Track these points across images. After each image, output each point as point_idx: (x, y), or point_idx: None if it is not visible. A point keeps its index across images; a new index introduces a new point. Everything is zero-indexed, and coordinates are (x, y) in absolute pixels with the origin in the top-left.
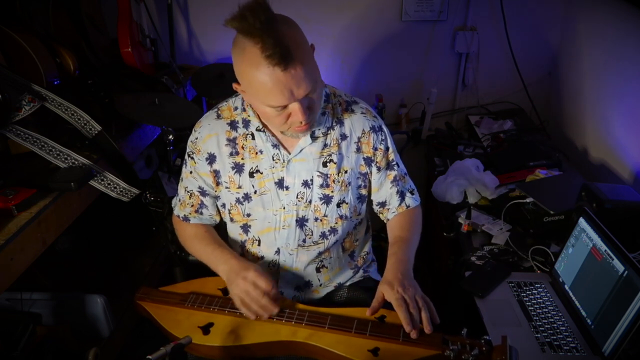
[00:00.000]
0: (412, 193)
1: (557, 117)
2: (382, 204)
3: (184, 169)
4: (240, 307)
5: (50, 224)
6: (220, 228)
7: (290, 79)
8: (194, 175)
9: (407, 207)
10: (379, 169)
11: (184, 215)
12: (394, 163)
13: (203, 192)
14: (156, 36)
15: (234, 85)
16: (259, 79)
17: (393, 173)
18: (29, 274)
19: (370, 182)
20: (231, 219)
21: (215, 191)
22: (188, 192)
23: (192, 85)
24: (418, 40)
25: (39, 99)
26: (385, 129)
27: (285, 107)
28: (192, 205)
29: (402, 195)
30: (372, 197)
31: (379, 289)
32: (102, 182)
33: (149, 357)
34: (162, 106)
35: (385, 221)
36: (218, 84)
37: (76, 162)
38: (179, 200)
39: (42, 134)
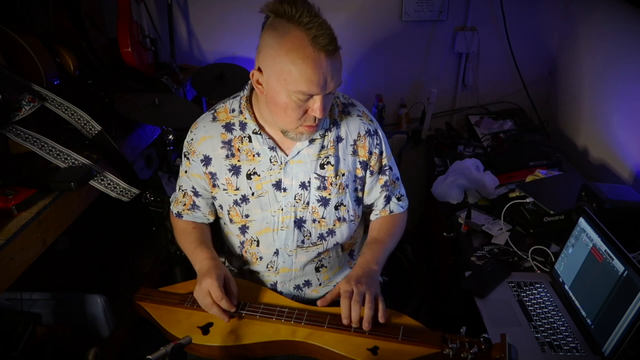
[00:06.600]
0: (399, 199)
1: (557, 117)
2: (369, 206)
3: (180, 168)
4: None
5: (50, 224)
6: (213, 224)
7: (330, 68)
8: (188, 175)
9: (390, 212)
10: (372, 172)
11: (177, 211)
12: (387, 168)
13: (196, 193)
14: (156, 36)
15: (253, 73)
16: (300, 63)
17: (384, 178)
18: (29, 274)
19: (364, 185)
20: (230, 220)
21: (212, 192)
22: (182, 190)
23: (192, 85)
24: (418, 40)
25: (39, 99)
26: (380, 132)
27: (309, 99)
28: (185, 204)
29: (388, 200)
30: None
31: (338, 283)
32: (102, 182)
33: (149, 357)
34: (162, 106)
35: (370, 221)
36: (218, 84)
37: (76, 162)
38: (175, 197)
39: (42, 134)
